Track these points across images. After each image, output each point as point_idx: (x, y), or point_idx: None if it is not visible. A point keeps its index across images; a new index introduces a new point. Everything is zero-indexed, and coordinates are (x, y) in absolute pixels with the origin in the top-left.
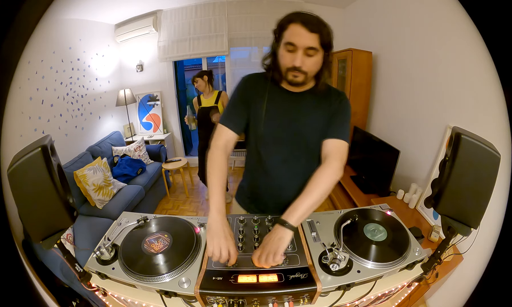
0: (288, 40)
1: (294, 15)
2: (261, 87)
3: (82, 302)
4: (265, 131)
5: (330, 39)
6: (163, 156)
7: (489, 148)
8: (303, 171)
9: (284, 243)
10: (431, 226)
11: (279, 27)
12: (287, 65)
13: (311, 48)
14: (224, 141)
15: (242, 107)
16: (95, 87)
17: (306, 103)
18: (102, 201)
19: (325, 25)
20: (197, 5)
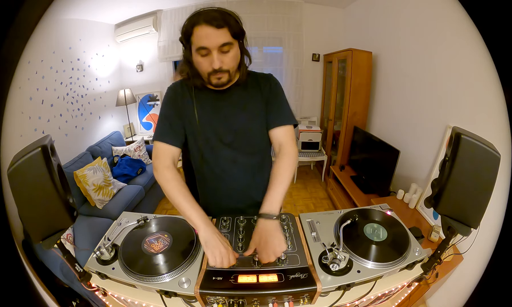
0: (198, 44)
1: (195, 16)
2: (188, 95)
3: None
4: (204, 138)
5: (240, 27)
6: None
7: (489, 148)
8: (254, 165)
9: (281, 233)
10: (431, 226)
11: (184, 34)
12: (207, 70)
13: (224, 44)
14: (170, 159)
15: (176, 118)
16: (95, 87)
17: (236, 98)
18: (102, 201)
19: (230, 14)
20: (197, 5)
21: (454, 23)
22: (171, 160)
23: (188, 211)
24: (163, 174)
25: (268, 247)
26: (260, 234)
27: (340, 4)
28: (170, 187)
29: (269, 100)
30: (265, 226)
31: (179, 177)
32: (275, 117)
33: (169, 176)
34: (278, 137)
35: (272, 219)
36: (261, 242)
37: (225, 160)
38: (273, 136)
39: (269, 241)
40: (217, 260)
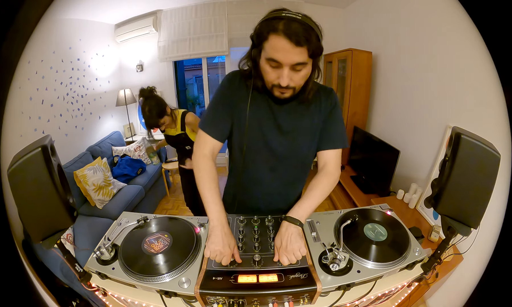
0: (270, 56)
1: (275, 20)
2: (244, 92)
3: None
4: (250, 140)
5: (319, 46)
6: (163, 156)
7: (489, 148)
8: (291, 179)
9: (302, 238)
10: (431, 226)
11: (257, 35)
12: (273, 81)
13: (299, 63)
14: (209, 149)
15: (225, 112)
16: (95, 87)
17: (293, 111)
18: (102, 201)
19: (312, 29)
20: (197, 5)
21: (454, 23)
22: (209, 150)
23: (207, 204)
24: (198, 161)
25: (288, 251)
26: (281, 238)
27: (340, 4)
28: (199, 175)
29: (327, 120)
30: (288, 230)
31: (212, 168)
32: (329, 139)
33: (202, 165)
34: (326, 158)
35: (296, 224)
36: (282, 245)
37: (264, 166)
38: (322, 155)
39: (289, 245)
40: (212, 255)
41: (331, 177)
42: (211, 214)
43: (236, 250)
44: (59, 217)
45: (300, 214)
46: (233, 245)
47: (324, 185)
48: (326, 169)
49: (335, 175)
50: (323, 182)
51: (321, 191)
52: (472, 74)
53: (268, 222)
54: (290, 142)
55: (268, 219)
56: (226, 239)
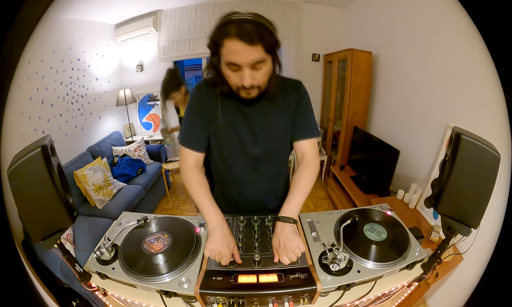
0: (229, 60)
1: (227, 25)
2: (213, 100)
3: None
4: (227, 144)
5: (275, 41)
6: (163, 156)
7: (489, 148)
8: (274, 174)
9: (299, 235)
10: (431, 226)
11: (213, 43)
12: (236, 84)
13: (257, 62)
14: (193, 161)
15: (199, 124)
16: (95, 87)
17: (263, 106)
18: (102, 201)
19: (264, 25)
20: (197, 5)
21: (454, 23)
22: (194, 161)
23: (202, 209)
24: (185, 174)
25: (287, 250)
26: (279, 238)
27: (340, 4)
28: (189, 186)
29: (297, 112)
30: (284, 230)
31: (199, 176)
32: (302, 130)
33: (189, 175)
34: (303, 148)
35: (290, 223)
36: (280, 245)
37: (246, 167)
38: (298, 147)
39: (288, 244)
40: (211, 254)
41: (312, 166)
42: (208, 216)
43: (236, 250)
44: (59, 217)
45: (292, 212)
46: (232, 245)
47: (307, 176)
48: (305, 159)
49: (315, 163)
50: (306, 173)
51: (305, 183)
52: (472, 74)
53: (268, 222)
54: (265, 141)
55: (268, 219)
56: (225, 239)
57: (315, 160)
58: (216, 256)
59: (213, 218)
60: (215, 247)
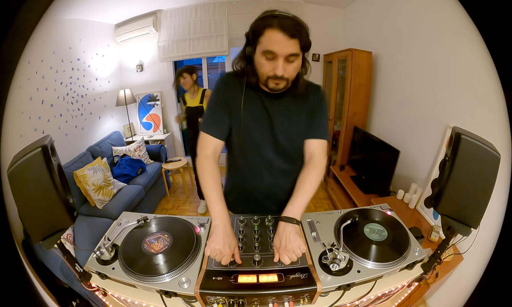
0: (267, 48)
1: (270, 18)
2: (238, 91)
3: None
4: (247, 135)
5: (309, 40)
6: (163, 156)
7: (489, 148)
8: (288, 171)
9: (300, 236)
10: (431, 226)
11: (253, 32)
12: (268, 73)
13: (292, 54)
14: (211, 149)
15: (223, 112)
16: (95, 87)
17: (285, 105)
18: (102, 201)
19: (303, 26)
20: (197, 5)
21: (454, 23)
22: (212, 150)
23: (210, 203)
24: (201, 161)
25: (288, 250)
26: (280, 238)
27: (340, 4)
28: (202, 176)
29: (313, 112)
30: (286, 230)
31: (214, 168)
32: (314, 129)
33: (205, 165)
34: (312, 148)
35: (293, 223)
36: (281, 245)
37: (262, 160)
38: (308, 145)
39: (289, 244)
40: (211, 253)
41: (318, 168)
42: (214, 213)
43: (236, 250)
44: (59, 217)
45: (295, 212)
46: (234, 245)
47: (312, 178)
48: (313, 161)
49: (322, 165)
50: (311, 174)
51: (311, 184)
52: (472, 74)
53: (268, 222)
54: (283, 137)
55: (268, 219)
56: (227, 238)
57: (322, 162)
58: (217, 256)
59: (218, 215)
60: (217, 246)
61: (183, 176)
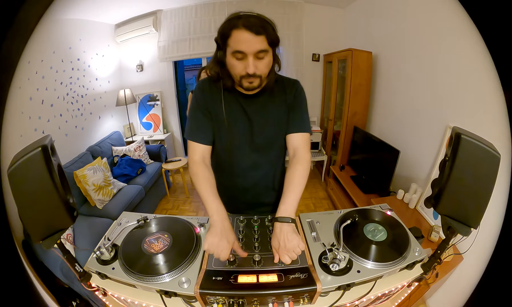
0: (235, 48)
1: (235, 19)
2: (216, 95)
3: (82, 302)
4: (229, 138)
5: (276, 36)
6: (163, 156)
7: (489, 148)
8: (272, 169)
9: (298, 235)
10: (431, 226)
11: (221, 35)
12: (240, 73)
13: (261, 51)
14: (200, 155)
15: (204, 117)
16: (95, 87)
17: (262, 103)
18: (102, 201)
19: (268, 22)
20: (197, 5)
21: (454, 23)
22: (200, 155)
23: (205, 203)
24: (191, 168)
25: (288, 250)
26: (278, 239)
27: (340, 4)
28: (194, 180)
29: (292, 107)
30: (282, 230)
31: (204, 171)
32: (295, 124)
33: (195, 170)
34: (294, 142)
35: (289, 222)
36: (280, 245)
37: (246, 159)
38: (290, 140)
39: (288, 243)
40: (209, 247)
41: (304, 162)
42: (211, 210)
43: (237, 245)
44: (59, 217)
45: (289, 211)
46: (232, 240)
47: (300, 173)
48: (297, 155)
49: (307, 159)
50: (298, 170)
51: (299, 180)
52: (472, 74)
53: (268, 222)
54: (263, 135)
55: (268, 219)
56: (224, 233)
57: (307, 155)
58: (214, 250)
59: (215, 212)
60: (214, 238)
61: (183, 176)
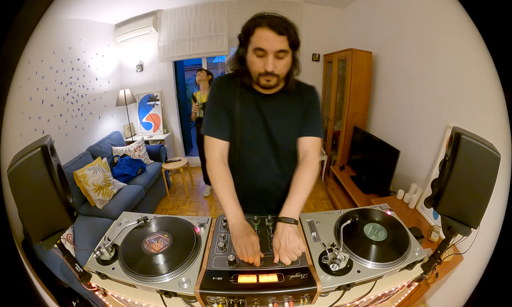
0: (257, 45)
1: (259, 18)
2: (233, 91)
3: (82, 302)
4: (243, 135)
5: (297, 38)
6: (163, 156)
7: (489, 148)
8: (282, 170)
9: (299, 236)
10: (431, 226)
11: (244, 32)
12: (259, 70)
13: (281, 51)
14: (218, 152)
15: (222, 113)
16: (95, 87)
17: (279, 104)
18: (102, 201)
19: (291, 24)
20: (197, 5)
21: (454, 23)
22: (219, 153)
23: (224, 206)
24: (210, 167)
25: (288, 251)
26: (279, 239)
27: (340, 4)
28: (213, 180)
29: (307, 111)
30: (285, 231)
31: (223, 171)
32: (308, 127)
33: (214, 169)
34: (306, 146)
35: (291, 223)
36: (281, 246)
37: (259, 158)
38: (301, 143)
39: (289, 244)
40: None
41: (312, 167)
42: (229, 215)
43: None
44: (59, 217)
45: (293, 212)
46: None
47: (308, 176)
48: (307, 159)
49: (316, 163)
50: (306, 173)
51: (306, 183)
52: (472, 74)
53: (268, 222)
54: (277, 135)
55: (268, 219)
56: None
57: (316, 159)
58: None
59: (233, 216)
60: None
61: (183, 176)
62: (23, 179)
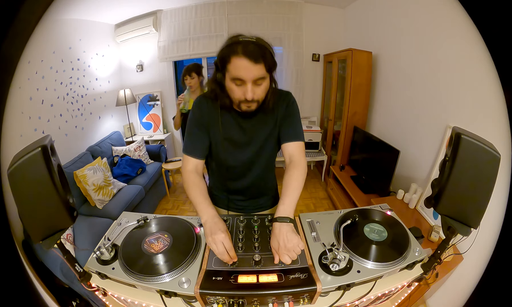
0: (234, 75)
1: (235, 44)
2: (214, 113)
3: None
4: (227, 151)
5: (274, 61)
6: (163, 156)
7: (489, 148)
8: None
9: (297, 234)
10: (431, 226)
11: (221, 59)
12: (239, 98)
13: (259, 78)
14: (193, 166)
15: (201, 133)
16: (95, 87)
17: (258, 121)
18: (102, 201)
19: (266, 47)
20: (197, 5)
21: (454, 23)
22: (193, 167)
23: (196, 206)
24: (184, 177)
25: (288, 249)
26: (277, 239)
27: (340, 4)
28: (186, 187)
29: (284, 118)
30: (282, 230)
31: (196, 178)
32: (289, 133)
33: (187, 178)
34: (290, 151)
35: (287, 222)
36: (280, 245)
37: (242, 168)
38: (285, 149)
39: (288, 243)
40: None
41: (300, 167)
42: (201, 212)
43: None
44: (59, 217)
45: (288, 211)
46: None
47: (297, 177)
48: (293, 161)
49: (302, 164)
50: (295, 174)
51: (296, 183)
52: (472, 74)
53: (268, 222)
54: (258, 147)
55: (268, 219)
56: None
57: (302, 160)
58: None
59: (204, 213)
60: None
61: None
62: (23, 179)
